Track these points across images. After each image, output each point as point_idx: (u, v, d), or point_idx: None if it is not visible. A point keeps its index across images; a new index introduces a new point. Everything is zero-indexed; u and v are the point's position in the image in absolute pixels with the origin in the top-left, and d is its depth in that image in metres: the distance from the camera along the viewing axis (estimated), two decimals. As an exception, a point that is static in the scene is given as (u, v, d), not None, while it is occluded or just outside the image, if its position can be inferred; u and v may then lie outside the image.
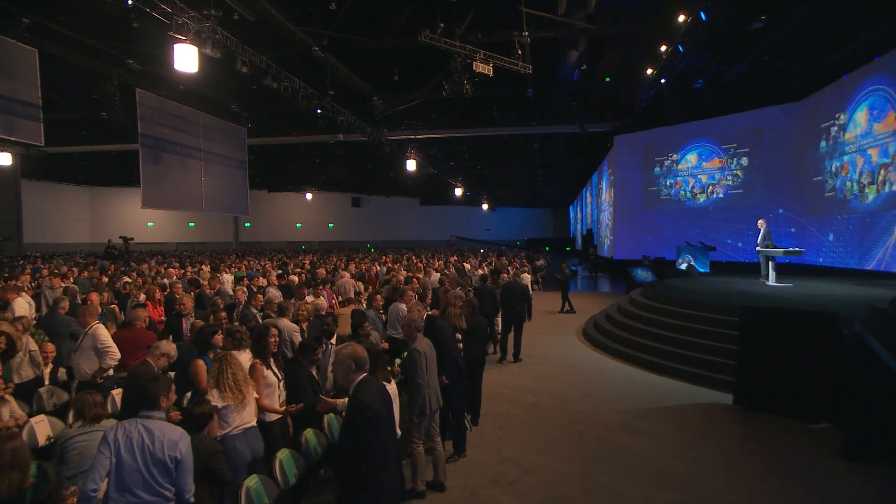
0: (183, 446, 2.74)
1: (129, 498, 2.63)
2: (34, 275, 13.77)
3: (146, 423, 2.74)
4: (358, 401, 2.91)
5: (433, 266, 14.73)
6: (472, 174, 36.11)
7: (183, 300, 6.45)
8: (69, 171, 33.27)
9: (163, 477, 2.67)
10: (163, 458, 2.66)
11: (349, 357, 3.01)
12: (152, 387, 2.87)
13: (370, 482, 2.84)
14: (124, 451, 2.65)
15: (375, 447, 2.87)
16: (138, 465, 2.64)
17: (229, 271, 13.15)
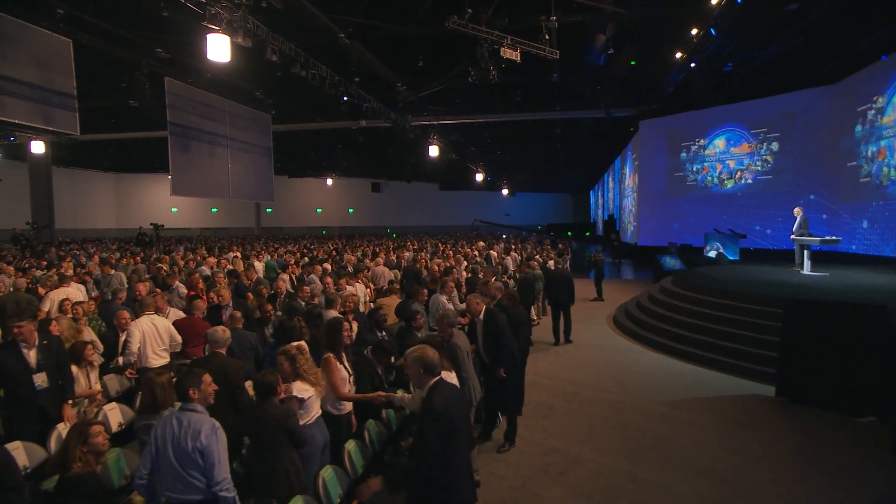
0: (205, 437, 2.78)
1: (168, 486, 2.78)
2: (74, 262, 14.11)
3: (181, 415, 2.85)
4: (430, 407, 2.92)
5: (462, 253, 14.75)
6: (492, 159, 35.95)
7: (221, 292, 6.56)
8: (96, 158, 33.78)
9: (192, 467, 2.76)
10: (188, 449, 2.76)
11: (418, 361, 3.03)
12: (185, 380, 2.99)
13: (441, 487, 2.91)
14: (161, 443, 2.78)
15: (447, 453, 2.88)
16: (171, 457, 2.76)
17: (259, 259, 13.34)
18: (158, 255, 15.32)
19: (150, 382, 3.47)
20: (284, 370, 3.67)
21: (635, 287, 16.21)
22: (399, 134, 22.81)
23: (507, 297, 6.21)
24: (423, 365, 3.02)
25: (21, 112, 13.05)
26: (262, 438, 3.08)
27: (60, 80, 13.76)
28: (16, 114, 12.94)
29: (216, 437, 2.74)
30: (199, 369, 3.04)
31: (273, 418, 3.20)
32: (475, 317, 5.49)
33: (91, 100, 20.29)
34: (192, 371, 3.03)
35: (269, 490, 3.07)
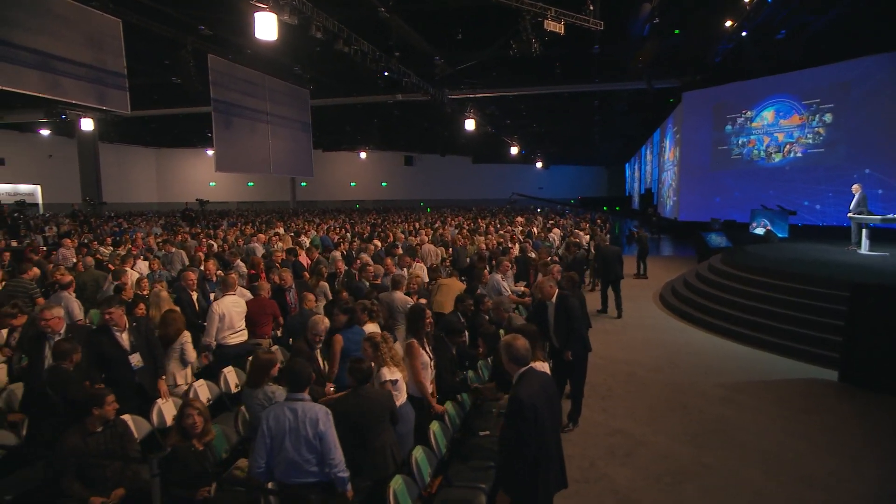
0: (321, 423, 2.95)
1: (282, 473, 2.96)
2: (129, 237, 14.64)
3: (293, 405, 3.00)
4: (515, 397, 3.04)
5: (505, 230, 14.71)
6: (527, 132, 35.48)
7: (283, 274, 6.72)
8: (138, 133, 34.57)
9: (310, 453, 2.94)
10: (308, 436, 2.92)
11: (505, 350, 3.16)
12: (302, 371, 3.15)
13: (527, 474, 3.04)
14: (276, 432, 2.94)
15: (531, 442, 3.01)
16: (288, 444, 2.92)
17: (306, 236, 13.62)
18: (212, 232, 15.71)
19: (258, 360, 3.67)
20: (367, 356, 3.82)
21: (678, 264, 16.02)
22: (435, 107, 22.67)
23: (567, 281, 6.25)
24: (509, 355, 3.14)
25: (76, 92, 13.42)
26: (366, 420, 3.25)
27: (111, 60, 14.07)
28: (72, 94, 13.31)
29: (330, 423, 2.92)
30: (305, 362, 3.20)
31: (377, 400, 3.38)
32: (546, 300, 5.55)
33: (135, 77, 20.73)
34: (303, 364, 3.19)
35: (373, 469, 3.26)
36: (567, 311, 5.08)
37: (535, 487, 3.09)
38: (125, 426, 3.71)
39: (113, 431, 3.59)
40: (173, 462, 3.40)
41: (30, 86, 12.02)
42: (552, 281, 5.50)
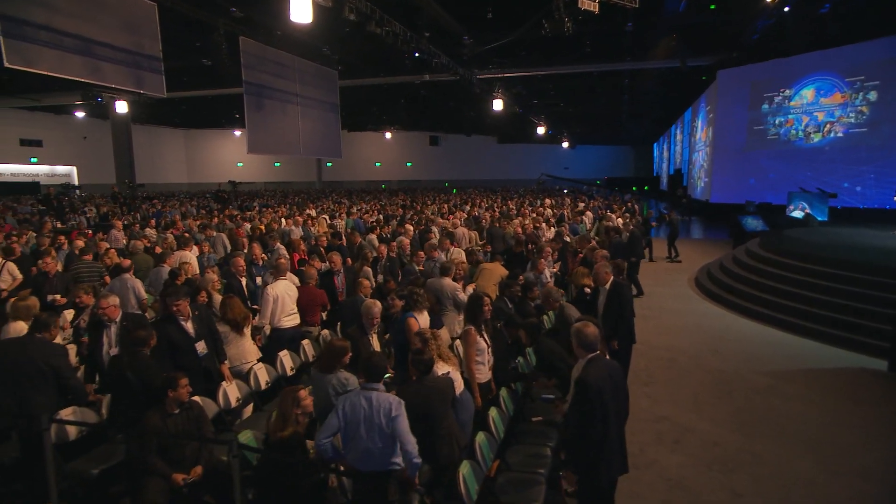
0: (395, 411, 3.07)
1: (356, 458, 3.10)
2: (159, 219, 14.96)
3: (368, 394, 3.12)
4: (582, 381, 3.17)
5: (538, 212, 14.61)
6: (554, 112, 35.00)
7: (332, 258, 6.83)
8: (168, 114, 35.06)
9: (382, 440, 3.06)
10: (382, 425, 3.04)
11: (576, 336, 3.28)
12: (379, 363, 3.26)
13: (591, 454, 3.17)
14: (351, 418, 3.06)
15: (595, 424, 3.14)
16: (362, 431, 3.05)
17: (339, 218, 13.77)
18: (248, 214, 15.94)
19: (333, 347, 3.80)
20: (417, 348, 3.91)
21: (711, 247, 15.82)
22: (462, 87, 22.50)
23: (615, 269, 6.24)
24: (580, 340, 3.25)
25: (116, 76, 13.66)
26: (431, 408, 3.37)
27: (148, 44, 14.26)
28: (112, 78, 13.56)
29: (402, 412, 3.04)
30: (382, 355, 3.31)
31: (440, 389, 3.49)
32: (600, 286, 5.58)
33: (166, 60, 20.96)
34: (380, 356, 3.30)
35: (437, 455, 3.38)
36: (620, 300, 5.11)
37: (598, 468, 3.20)
38: (200, 408, 3.90)
39: (189, 413, 3.78)
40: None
41: (73, 71, 12.26)
42: (608, 267, 5.50)
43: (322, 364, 3.81)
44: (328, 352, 3.77)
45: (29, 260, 7.94)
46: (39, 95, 25.54)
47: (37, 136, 33.23)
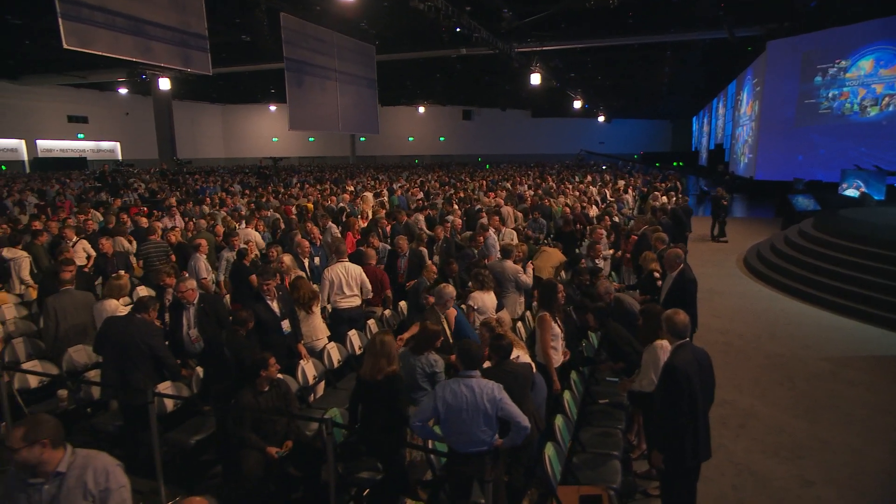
0: (498, 394, 3.18)
1: (455, 441, 3.23)
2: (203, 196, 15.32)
3: (468, 381, 3.23)
4: (672, 366, 3.29)
5: (582, 190, 14.41)
6: (591, 85, 34.21)
7: (400, 241, 6.91)
8: (205, 90, 35.54)
9: (485, 423, 3.17)
10: (486, 410, 3.14)
11: (667, 323, 3.38)
12: (477, 352, 3.36)
13: (678, 437, 3.27)
14: (452, 403, 3.16)
15: (683, 407, 3.25)
16: (464, 416, 3.16)
17: (382, 196, 13.89)
18: (294, 191, 16.15)
19: (426, 331, 3.94)
20: (485, 339, 4.02)
21: (757, 226, 15.47)
22: (497, 61, 22.18)
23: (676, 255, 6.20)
24: (671, 327, 3.37)
25: (165, 55, 13.91)
26: (513, 391, 3.48)
27: (194, 22, 14.45)
28: (161, 57, 13.81)
29: (504, 394, 3.17)
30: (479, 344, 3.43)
31: (520, 373, 3.61)
32: (669, 272, 5.57)
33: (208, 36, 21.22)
34: (478, 345, 3.41)
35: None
36: (685, 289, 5.12)
37: (683, 450, 3.31)
38: (287, 386, 4.11)
39: (278, 391, 3.99)
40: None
41: (125, 51, 12.52)
42: (679, 253, 5.49)
43: (414, 345, 3.96)
44: (422, 334, 3.90)
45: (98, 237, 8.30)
46: (86, 72, 26.15)
47: (83, 112, 34.18)
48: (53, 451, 2.22)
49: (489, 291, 5.29)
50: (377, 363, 3.44)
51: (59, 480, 2.23)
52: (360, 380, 3.49)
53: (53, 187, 17.90)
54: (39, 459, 2.19)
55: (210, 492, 4.17)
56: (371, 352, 3.45)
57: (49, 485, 2.21)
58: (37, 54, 22.67)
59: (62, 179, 21.98)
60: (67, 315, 5.13)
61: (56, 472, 2.23)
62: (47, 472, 2.21)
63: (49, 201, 14.51)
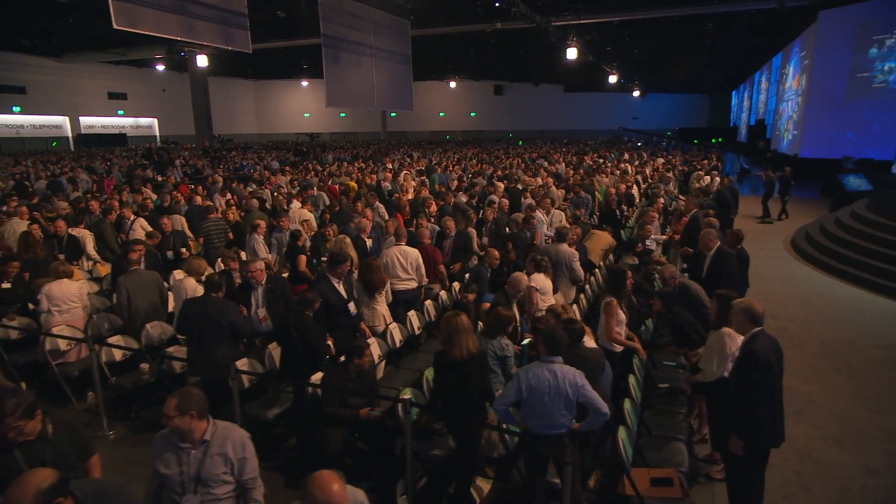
0: (580, 380, 3.28)
1: (535, 423, 3.34)
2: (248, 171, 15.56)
3: (550, 367, 3.32)
4: (752, 352, 3.33)
5: (623, 170, 14.15)
6: (627, 59, 33.29)
7: (447, 222, 6.96)
8: (239, 66, 35.80)
9: (566, 408, 3.29)
10: (568, 395, 3.25)
11: (745, 312, 3.41)
12: (559, 338, 3.44)
13: (759, 422, 3.33)
14: (535, 387, 3.27)
15: (764, 393, 3.33)
16: (545, 401, 3.26)
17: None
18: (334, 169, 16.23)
19: (499, 316, 4.05)
20: (550, 325, 4.08)
21: (802, 206, 15.06)
22: (532, 35, 21.75)
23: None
24: (749, 315, 3.41)
25: (207, 34, 14.07)
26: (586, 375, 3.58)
27: (235, 0, 14.56)
28: (204, 36, 13.98)
29: (585, 380, 3.26)
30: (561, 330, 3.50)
31: (592, 357, 3.69)
32: (705, 252, 5.58)
33: (245, 12, 21.30)
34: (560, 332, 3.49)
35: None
36: (720, 269, 5.10)
37: (762, 436, 3.39)
38: (373, 375, 4.26)
39: (363, 379, 4.13)
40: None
41: (170, 30, 12.72)
42: (715, 233, 5.48)
43: (487, 329, 4.07)
44: (495, 319, 3.99)
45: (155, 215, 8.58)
46: (125, 50, 26.59)
47: (122, 89, 34.89)
48: (199, 422, 2.51)
49: (547, 275, 5.35)
50: (466, 342, 3.55)
51: (204, 447, 2.51)
52: (446, 360, 3.59)
53: (103, 164, 18.43)
54: (189, 427, 2.47)
55: (286, 464, 4.41)
56: (457, 331, 3.55)
57: (196, 450, 2.50)
58: (79, 32, 23.15)
59: (106, 156, 22.59)
60: (138, 294, 5.38)
61: (202, 440, 2.52)
62: (194, 440, 2.50)
63: (98, 178, 14.97)
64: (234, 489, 2.61)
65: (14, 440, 2.50)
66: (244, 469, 2.59)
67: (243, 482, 2.61)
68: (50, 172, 16.03)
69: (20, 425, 2.49)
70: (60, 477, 1.89)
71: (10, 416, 2.45)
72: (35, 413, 2.56)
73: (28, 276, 5.84)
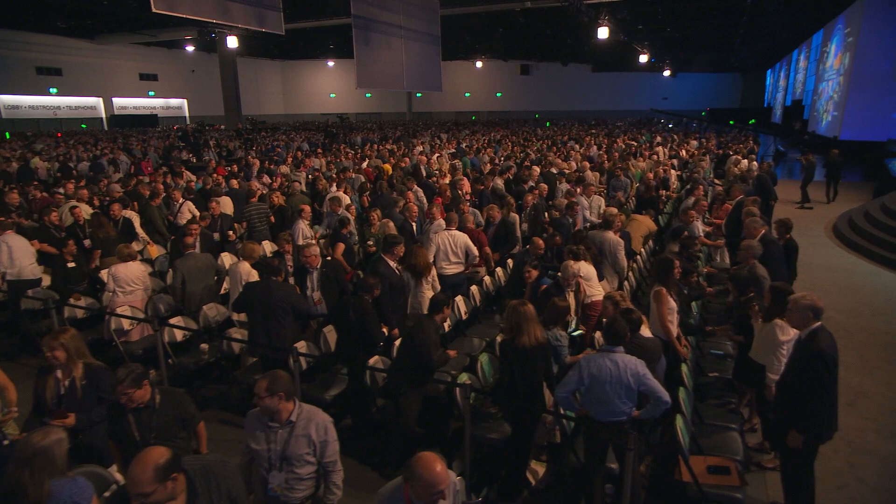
0: (641, 370, 3.34)
1: (595, 410, 3.43)
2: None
3: (612, 356, 3.38)
4: (820, 351, 3.33)
5: (648, 157, 13.89)
6: (659, 37, 32.45)
7: (492, 210, 6.95)
8: (266, 46, 35.87)
9: (626, 396, 3.36)
10: (629, 384, 3.31)
11: (809, 307, 3.39)
12: (621, 328, 3.48)
13: (824, 416, 3.36)
14: (596, 374, 3.33)
15: (829, 388, 3.37)
16: (607, 389, 3.33)
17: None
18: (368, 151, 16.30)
19: (556, 306, 4.11)
20: (609, 313, 4.11)
21: (843, 191, 14.59)
22: (562, 14, 21.33)
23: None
24: (813, 310, 3.42)
25: (242, 16, 14.19)
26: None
27: (269, -18, 14.60)
28: (238, 18, 14.09)
29: (647, 370, 3.32)
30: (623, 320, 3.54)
31: (650, 349, 3.74)
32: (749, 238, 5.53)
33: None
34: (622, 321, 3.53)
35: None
36: (765, 259, 5.07)
37: (821, 429, 3.43)
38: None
39: None
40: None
41: (207, 13, 12.85)
42: (757, 219, 5.43)
43: (543, 319, 4.12)
44: (551, 310, 4.05)
45: (199, 198, 8.77)
46: (156, 31, 26.85)
47: (153, 70, 35.36)
48: (287, 403, 2.65)
49: (589, 262, 5.36)
50: (534, 331, 3.63)
51: (290, 427, 2.65)
52: (513, 348, 3.67)
53: (139, 146, 18.81)
54: (277, 408, 2.61)
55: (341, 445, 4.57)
56: (525, 320, 3.62)
57: (282, 430, 2.63)
58: (112, 14, 23.45)
59: (141, 137, 23.01)
60: (193, 277, 5.56)
61: (288, 421, 2.65)
62: (282, 420, 2.63)
63: (136, 160, 15.30)
64: (316, 471, 2.75)
65: (126, 406, 2.77)
66: (325, 452, 2.71)
67: (324, 465, 2.74)
68: (91, 154, 16.41)
69: (129, 392, 2.74)
70: (174, 455, 2.04)
71: (121, 384, 2.72)
72: (143, 383, 2.80)
73: (100, 254, 6.10)
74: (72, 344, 3.19)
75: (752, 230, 5.74)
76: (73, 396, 3.17)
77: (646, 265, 7.43)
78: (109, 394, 2.78)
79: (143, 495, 1.93)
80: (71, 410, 3.11)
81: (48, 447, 2.27)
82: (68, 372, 3.21)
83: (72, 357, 3.19)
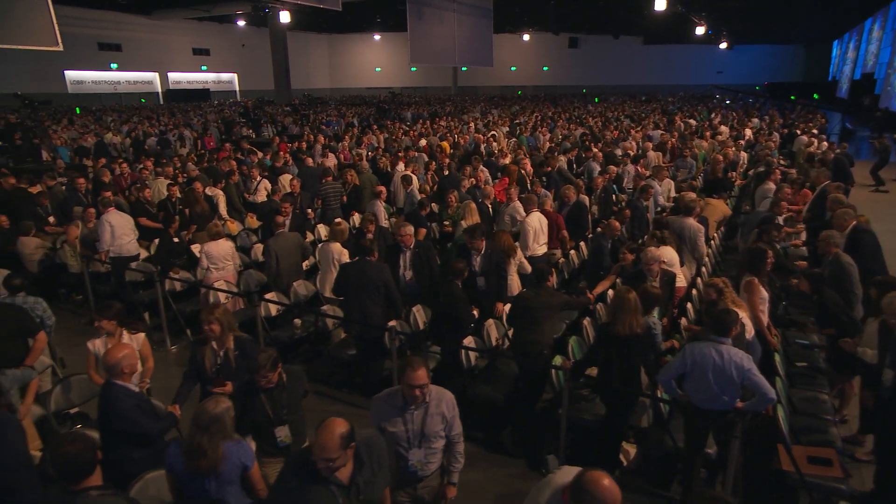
0: (747, 364, 3.35)
1: (698, 398, 3.46)
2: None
3: (718, 347, 3.41)
4: None
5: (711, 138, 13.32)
6: (717, 8, 30.96)
7: (568, 191, 6.97)
8: (315, 20, 36.01)
9: (730, 388, 3.39)
10: (732, 377, 3.34)
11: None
12: (728, 318, 3.50)
13: None
14: (699, 363, 3.39)
15: None
16: (709, 378, 3.38)
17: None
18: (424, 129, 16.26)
19: (648, 292, 4.16)
20: (711, 299, 4.12)
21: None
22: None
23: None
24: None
25: (299, -7, 14.33)
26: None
27: (327, -41, 14.65)
28: (296, -6, 14.24)
29: (753, 364, 3.36)
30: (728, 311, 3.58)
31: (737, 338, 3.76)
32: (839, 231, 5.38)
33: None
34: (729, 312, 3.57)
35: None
36: (857, 251, 4.96)
37: None
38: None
39: None
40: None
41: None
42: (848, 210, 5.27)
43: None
44: (644, 296, 4.08)
45: (271, 176, 9.05)
46: (209, 6, 27.30)
47: (205, 45, 36.07)
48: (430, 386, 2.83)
49: (674, 248, 5.35)
50: (630, 322, 3.70)
51: (424, 407, 2.81)
52: (609, 333, 3.77)
53: (198, 122, 19.38)
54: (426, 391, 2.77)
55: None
56: (624, 308, 3.69)
57: (417, 411, 2.80)
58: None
59: (199, 112, 23.65)
60: (284, 255, 5.83)
61: (423, 402, 2.79)
62: (419, 402, 2.77)
63: (199, 135, 15.79)
64: (445, 444, 2.94)
65: (263, 387, 3.02)
66: (453, 425, 2.91)
67: (451, 437, 2.93)
68: (157, 129, 17.03)
69: (269, 376, 2.98)
70: (352, 426, 2.25)
71: (263, 367, 2.96)
72: (277, 365, 3.01)
73: (195, 228, 6.48)
74: (224, 318, 3.51)
75: (842, 222, 5.51)
76: (228, 366, 3.52)
77: (718, 251, 7.33)
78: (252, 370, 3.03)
79: (329, 460, 2.17)
80: (227, 379, 3.45)
81: (221, 414, 2.54)
82: (221, 343, 3.54)
83: (224, 330, 3.51)
